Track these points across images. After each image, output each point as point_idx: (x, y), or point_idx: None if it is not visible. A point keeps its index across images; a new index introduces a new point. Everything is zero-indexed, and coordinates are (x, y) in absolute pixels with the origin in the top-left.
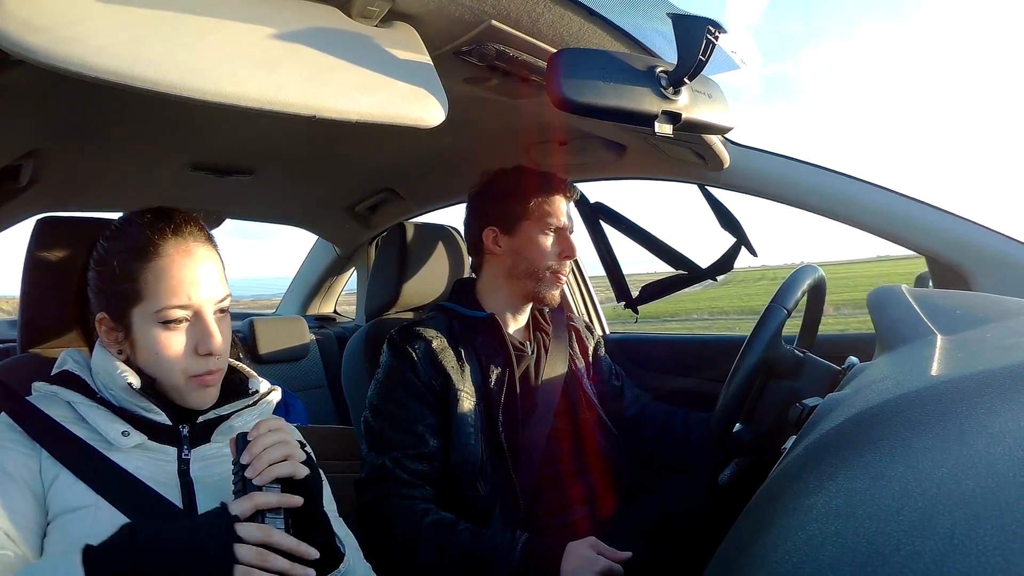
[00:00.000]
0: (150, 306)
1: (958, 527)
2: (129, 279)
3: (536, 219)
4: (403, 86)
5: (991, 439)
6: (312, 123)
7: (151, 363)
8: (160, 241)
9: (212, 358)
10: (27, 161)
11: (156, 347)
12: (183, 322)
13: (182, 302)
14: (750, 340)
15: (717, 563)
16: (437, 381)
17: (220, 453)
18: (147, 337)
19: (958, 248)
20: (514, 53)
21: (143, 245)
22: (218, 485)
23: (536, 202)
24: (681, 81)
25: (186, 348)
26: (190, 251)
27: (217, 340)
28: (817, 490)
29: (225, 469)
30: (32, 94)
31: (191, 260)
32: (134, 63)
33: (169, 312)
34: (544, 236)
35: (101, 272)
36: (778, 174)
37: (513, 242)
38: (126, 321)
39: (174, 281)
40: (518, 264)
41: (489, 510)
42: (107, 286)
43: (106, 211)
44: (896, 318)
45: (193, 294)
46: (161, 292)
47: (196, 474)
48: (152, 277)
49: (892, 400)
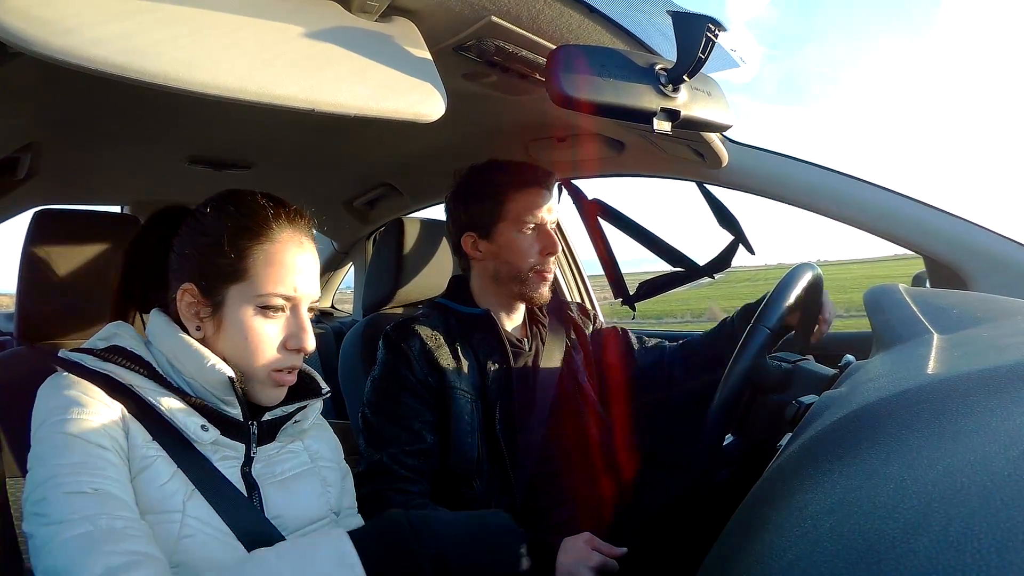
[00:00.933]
0: (252, 288)
1: (953, 525)
2: (236, 255)
3: (512, 219)
4: (402, 81)
5: (986, 437)
6: (310, 117)
7: (236, 348)
8: (276, 226)
9: (299, 355)
10: (24, 154)
11: (247, 331)
12: (281, 312)
13: (287, 292)
14: (732, 363)
15: (712, 560)
16: (433, 378)
17: (281, 452)
18: (239, 319)
19: (956, 248)
20: (514, 49)
21: (259, 225)
22: (281, 484)
23: (510, 201)
24: (680, 79)
25: (278, 339)
26: (302, 243)
27: (310, 337)
28: (812, 488)
29: (285, 468)
30: (30, 86)
31: (302, 252)
32: (132, 56)
33: (271, 299)
34: (522, 236)
35: (203, 241)
36: (776, 172)
37: (492, 246)
38: (218, 297)
39: (284, 268)
40: (500, 268)
41: (485, 507)
42: (206, 257)
43: (103, 204)
44: (893, 317)
45: (299, 286)
46: (268, 276)
47: (257, 472)
48: (262, 259)
49: (888, 398)
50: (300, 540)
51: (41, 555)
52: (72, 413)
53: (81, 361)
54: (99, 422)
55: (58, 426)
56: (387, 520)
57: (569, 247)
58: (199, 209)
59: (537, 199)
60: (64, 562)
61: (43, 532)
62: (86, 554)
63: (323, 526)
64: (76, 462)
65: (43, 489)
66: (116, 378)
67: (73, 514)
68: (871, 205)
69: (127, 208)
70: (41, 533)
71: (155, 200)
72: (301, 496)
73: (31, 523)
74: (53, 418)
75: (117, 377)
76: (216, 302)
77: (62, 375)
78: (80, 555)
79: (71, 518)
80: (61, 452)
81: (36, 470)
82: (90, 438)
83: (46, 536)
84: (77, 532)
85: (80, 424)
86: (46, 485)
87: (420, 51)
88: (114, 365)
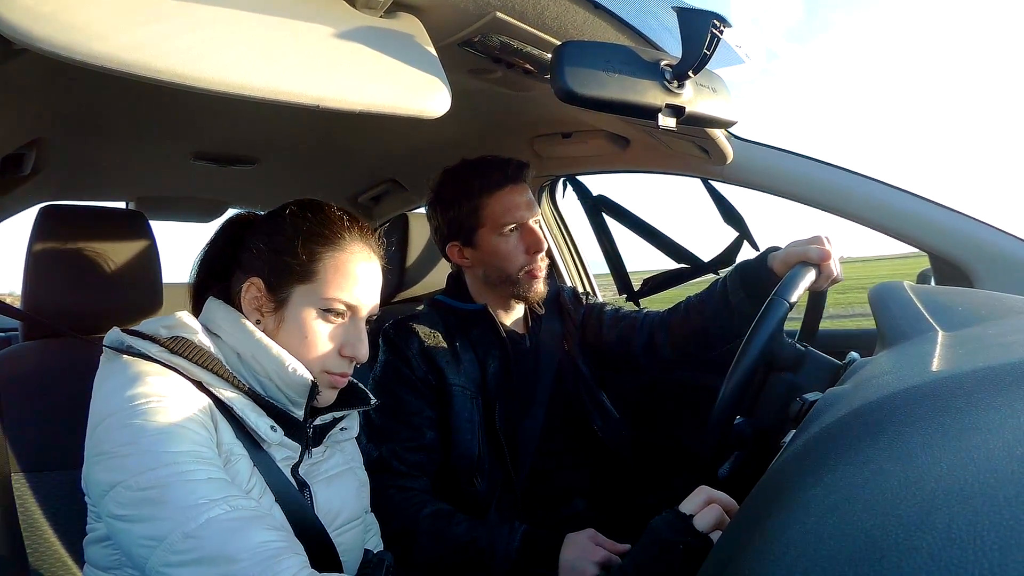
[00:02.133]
0: (318, 291)
1: (956, 522)
2: (308, 257)
3: (490, 224)
4: (407, 77)
5: (991, 435)
6: (315, 113)
7: (294, 346)
8: (349, 237)
9: (351, 363)
10: (30, 150)
11: (307, 331)
12: (341, 317)
13: (350, 300)
14: (751, 333)
15: (715, 556)
16: (433, 376)
17: (325, 455)
18: (301, 319)
19: (961, 245)
20: (518, 45)
21: (333, 233)
22: (327, 482)
23: (484, 206)
24: (685, 75)
25: (334, 344)
26: (371, 257)
27: (364, 348)
28: (816, 484)
29: (328, 466)
30: (35, 83)
31: (369, 265)
32: (137, 52)
33: (334, 303)
34: (504, 239)
35: (277, 240)
36: (781, 169)
37: (477, 253)
38: (283, 295)
39: (350, 278)
40: (490, 273)
41: (486, 504)
42: (279, 256)
43: (108, 200)
44: (898, 314)
45: (362, 296)
46: (335, 282)
47: (304, 472)
48: (332, 265)
49: (892, 395)
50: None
51: (169, 543)
52: (166, 401)
53: (146, 351)
54: (195, 412)
55: (150, 414)
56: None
57: (567, 231)
58: (276, 212)
59: (513, 198)
60: (213, 546)
61: (164, 523)
62: (241, 533)
63: (359, 525)
64: (186, 451)
65: (155, 476)
66: (184, 373)
67: (202, 499)
68: (876, 202)
69: (132, 204)
70: (160, 522)
71: (160, 196)
72: (344, 494)
73: (140, 509)
74: (142, 404)
75: (185, 372)
76: (281, 299)
77: (125, 360)
78: (231, 536)
79: (200, 503)
80: (167, 440)
81: (134, 458)
82: (192, 428)
83: (172, 524)
84: (216, 514)
85: (178, 413)
86: (158, 472)
87: (425, 47)
88: (183, 359)
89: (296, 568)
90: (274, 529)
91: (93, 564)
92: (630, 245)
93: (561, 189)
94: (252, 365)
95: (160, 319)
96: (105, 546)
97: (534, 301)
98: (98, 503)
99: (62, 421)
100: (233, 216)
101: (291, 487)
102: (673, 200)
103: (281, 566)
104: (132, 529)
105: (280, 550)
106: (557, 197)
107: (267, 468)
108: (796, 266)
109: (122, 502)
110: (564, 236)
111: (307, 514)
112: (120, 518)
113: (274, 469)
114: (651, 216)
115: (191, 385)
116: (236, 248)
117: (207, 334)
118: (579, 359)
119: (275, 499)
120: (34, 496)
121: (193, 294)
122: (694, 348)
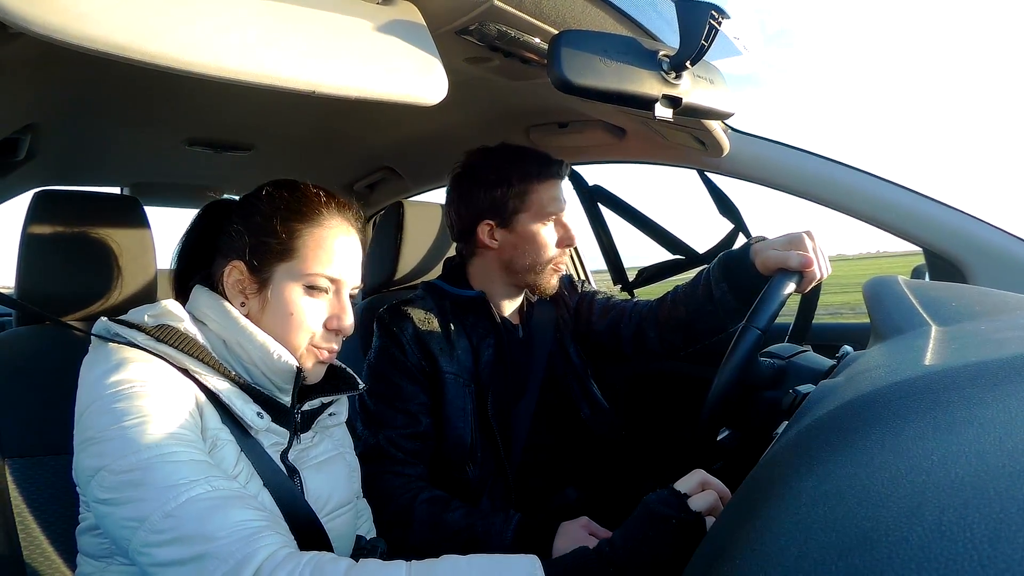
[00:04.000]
0: (300, 267)
1: (947, 514)
2: (287, 235)
3: (535, 211)
4: (404, 64)
5: (981, 428)
6: (311, 100)
7: (280, 325)
8: (327, 212)
9: (338, 336)
10: (24, 135)
11: (291, 307)
12: (325, 292)
13: (332, 274)
14: (724, 362)
15: (706, 546)
16: (426, 362)
17: (314, 439)
18: (285, 296)
19: (956, 241)
20: (516, 34)
21: (311, 209)
22: (316, 467)
23: (534, 192)
24: (683, 66)
25: (320, 318)
26: (349, 231)
27: (349, 320)
28: (807, 475)
29: (317, 452)
30: (30, 67)
31: (349, 240)
32: (133, 37)
33: (317, 279)
34: (544, 228)
35: (255, 221)
36: (777, 162)
37: (511, 236)
38: (266, 275)
39: (330, 252)
40: (517, 259)
41: (479, 492)
42: (258, 236)
43: (103, 185)
44: (891, 308)
45: (343, 270)
46: (316, 258)
47: (294, 458)
48: (312, 241)
49: (885, 388)
50: (489, 556)
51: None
52: (148, 386)
53: (132, 339)
54: (179, 397)
55: (133, 399)
56: (578, 555)
57: None
58: (252, 194)
59: (558, 191)
60: (192, 525)
61: (146, 503)
62: (221, 512)
63: (350, 511)
64: (169, 433)
65: (136, 459)
66: (170, 360)
67: (183, 479)
68: (871, 196)
69: (127, 189)
70: (142, 503)
71: (155, 181)
72: (334, 479)
73: (122, 492)
74: (126, 389)
75: (171, 360)
76: (263, 279)
77: (111, 347)
78: (210, 515)
79: (181, 483)
80: (150, 423)
81: (117, 442)
82: (175, 411)
83: (153, 504)
84: (196, 493)
85: (161, 397)
86: (140, 455)
87: (422, 34)
88: (168, 347)
89: (276, 546)
90: (255, 509)
91: (85, 553)
92: (625, 237)
93: None
94: (238, 352)
95: (146, 307)
96: (96, 535)
97: (546, 294)
98: (85, 490)
99: (54, 407)
100: (209, 203)
101: (280, 473)
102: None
103: (260, 543)
104: (115, 512)
105: (260, 528)
106: None
107: (255, 454)
108: (775, 277)
109: (106, 486)
110: None
111: (297, 500)
112: (104, 502)
113: (262, 455)
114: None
115: (176, 371)
116: (215, 234)
117: (193, 322)
118: (570, 347)
119: (263, 484)
120: (26, 483)
121: (175, 283)
122: (679, 341)
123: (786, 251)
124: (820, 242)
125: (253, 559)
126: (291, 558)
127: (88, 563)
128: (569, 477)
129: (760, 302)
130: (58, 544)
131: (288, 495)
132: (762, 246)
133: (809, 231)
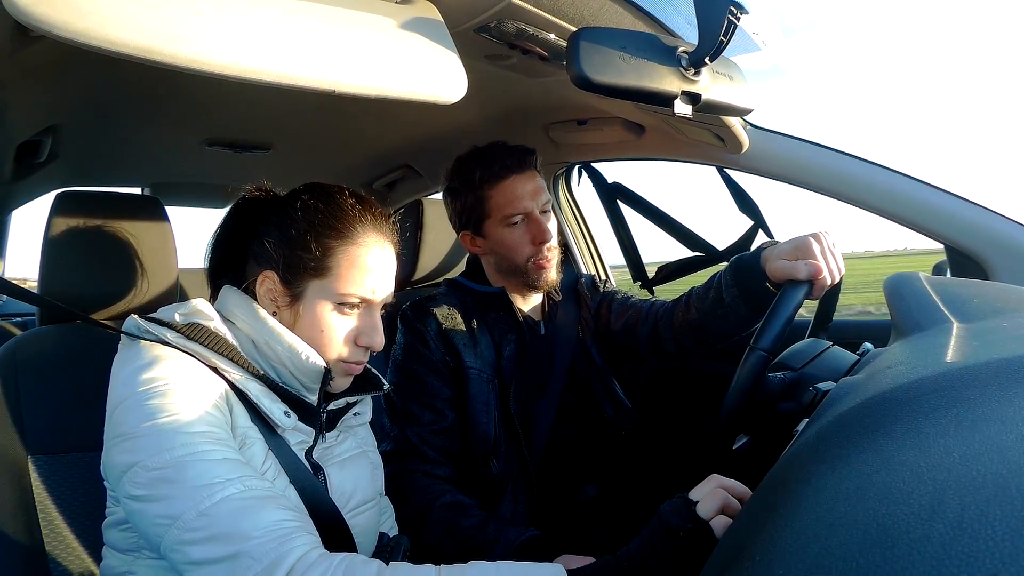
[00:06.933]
0: (333, 285)
1: (968, 512)
2: (321, 252)
3: (496, 215)
4: (422, 62)
5: (1003, 426)
6: (330, 99)
7: (310, 338)
8: (361, 228)
9: (367, 351)
10: (46, 136)
11: (323, 324)
12: (356, 309)
13: (365, 295)
14: (730, 390)
15: (726, 544)
16: (450, 357)
17: (338, 440)
18: (316, 313)
19: (977, 237)
20: (534, 31)
21: (346, 225)
22: (340, 465)
23: (489, 198)
24: (702, 62)
25: (350, 335)
26: (384, 246)
27: (380, 336)
28: (828, 472)
29: (341, 449)
30: (51, 70)
31: (384, 254)
32: (153, 38)
33: (349, 298)
34: (509, 231)
35: (289, 235)
36: (797, 158)
37: (487, 243)
38: (298, 289)
39: (364, 270)
40: (500, 262)
41: (501, 488)
42: (292, 250)
43: (124, 186)
44: (913, 305)
45: (377, 288)
46: (349, 277)
47: (318, 456)
48: (346, 260)
49: (906, 385)
50: (519, 563)
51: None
52: (180, 383)
53: (162, 336)
54: (210, 394)
55: (165, 396)
56: (602, 564)
57: (582, 218)
58: (288, 201)
59: (516, 189)
60: (226, 524)
61: (179, 501)
62: (255, 512)
63: (373, 507)
64: (202, 431)
65: (170, 456)
66: (200, 358)
67: (217, 478)
68: (892, 192)
69: (147, 189)
70: (175, 501)
71: (175, 181)
72: (357, 476)
73: (156, 489)
74: (158, 387)
75: (201, 358)
76: (296, 293)
77: (143, 345)
78: (244, 514)
79: (215, 482)
80: (183, 421)
81: (150, 439)
82: (206, 409)
83: (187, 503)
84: (230, 493)
85: (193, 395)
86: (174, 452)
87: (440, 33)
88: (199, 345)
89: (308, 547)
90: (287, 509)
91: (112, 546)
92: (644, 234)
93: (576, 176)
94: (266, 352)
95: (176, 306)
96: (123, 529)
97: (544, 289)
98: (116, 485)
99: (77, 405)
100: (241, 200)
101: (305, 470)
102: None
103: (293, 543)
104: (148, 509)
105: (293, 529)
106: (572, 184)
107: (281, 452)
108: (784, 290)
109: (139, 482)
110: (579, 224)
111: (321, 496)
112: (137, 499)
113: (288, 453)
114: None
115: (207, 369)
116: (248, 236)
117: (223, 321)
118: (592, 347)
119: (289, 481)
120: (50, 478)
121: (209, 280)
122: (692, 343)
123: (793, 261)
124: (831, 242)
125: (286, 559)
126: (323, 559)
127: (114, 556)
128: (589, 475)
129: (767, 320)
130: (82, 538)
131: (313, 491)
132: (771, 253)
133: (818, 233)
